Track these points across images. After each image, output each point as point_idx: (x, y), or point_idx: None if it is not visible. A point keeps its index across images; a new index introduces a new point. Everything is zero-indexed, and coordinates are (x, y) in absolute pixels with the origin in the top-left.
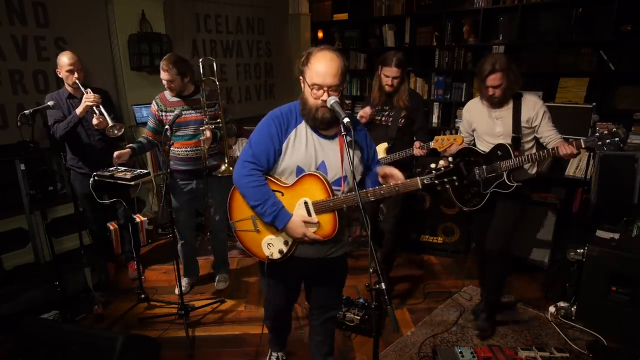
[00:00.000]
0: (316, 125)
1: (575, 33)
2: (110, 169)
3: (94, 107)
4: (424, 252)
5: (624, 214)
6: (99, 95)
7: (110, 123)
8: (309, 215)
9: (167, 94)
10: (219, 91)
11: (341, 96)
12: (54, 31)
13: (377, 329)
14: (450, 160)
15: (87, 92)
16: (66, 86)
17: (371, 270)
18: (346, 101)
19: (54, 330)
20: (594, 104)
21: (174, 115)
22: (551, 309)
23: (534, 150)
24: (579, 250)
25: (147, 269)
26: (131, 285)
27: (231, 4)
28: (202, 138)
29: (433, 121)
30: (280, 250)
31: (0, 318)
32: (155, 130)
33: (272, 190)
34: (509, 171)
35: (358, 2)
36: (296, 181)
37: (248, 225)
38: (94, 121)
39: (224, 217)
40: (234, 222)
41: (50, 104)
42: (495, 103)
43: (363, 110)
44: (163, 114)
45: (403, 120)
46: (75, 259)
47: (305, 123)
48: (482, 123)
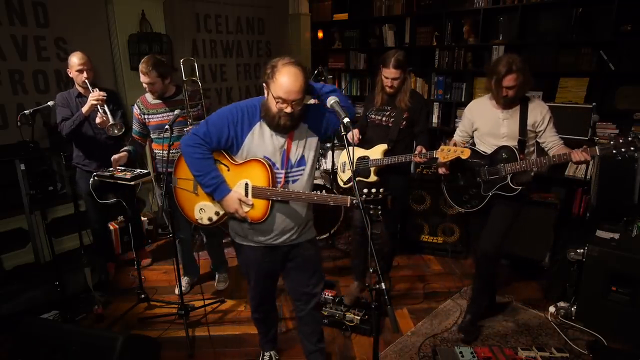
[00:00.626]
0: (276, 130)
1: (575, 33)
2: (110, 169)
3: (98, 106)
4: (424, 252)
5: (624, 214)
6: (105, 93)
7: (111, 121)
8: (246, 196)
9: (148, 96)
10: (201, 91)
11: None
12: (54, 31)
13: (377, 329)
14: (382, 191)
15: (94, 91)
16: (76, 86)
17: (371, 270)
18: None
19: (54, 330)
20: (594, 104)
21: (174, 115)
22: (551, 309)
23: (534, 155)
24: (579, 250)
25: (147, 269)
26: (131, 285)
27: (231, 4)
28: None
29: (433, 121)
30: (210, 218)
31: (0, 318)
32: (141, 133)
33: (220, 163)
34: (512, 174)
35: (358, 2)
36: (244, 162)
37: (189, 185)
38: (97, 120)
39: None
40: (177, 179)
41: (50, 104)
42: (505, 104)
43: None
44: (145, 117)
45: (405, 122)
46: (75, 259)
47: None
48: (487, 123)
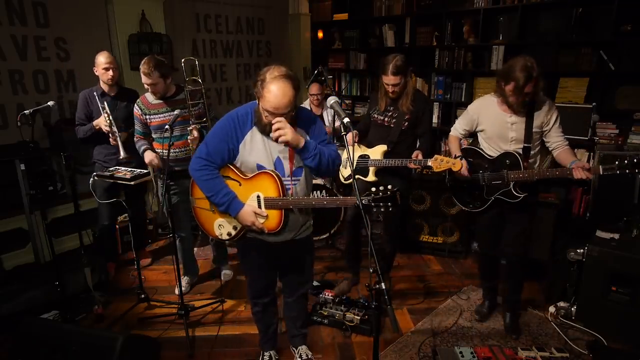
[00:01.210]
0: (267, 135)
1: (575, 33)
2: (111, 169)
3: (109, 129)
4: (424, 252)
5: (624, 214)
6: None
7: (121, 154)
8: (260, 208)
9: (149, 96)
10: (203, 90)
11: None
12: (54, 31)
13: (377, 329)
14: (389, 187)
15: (106, 119)
16: (101, 83)
17: (371, 270)
18: (346, 101)
19: (54, 330)
20: (594, 104)
21: (174, 115)
22: (551, 309)
23: (538, 157)
24: (579, 250)
25: (147, 269)
26: (131, 285)
27: (231, 4)
28: (190, 138)
29: (433, 121)
30: (229, 233)
31: (0, 318)
32: (144, 133)
33: (231, 179)
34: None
35: (358, 2)
36: (254, 176)
37: (206, 204)
38: (111, 142)
39: None
40: (194, 199)
41: (50, 104)
42: (517, 108)
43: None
44: (147, 117)
45: (406, 123)
46: (75, 259)
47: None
48: (495, 126)
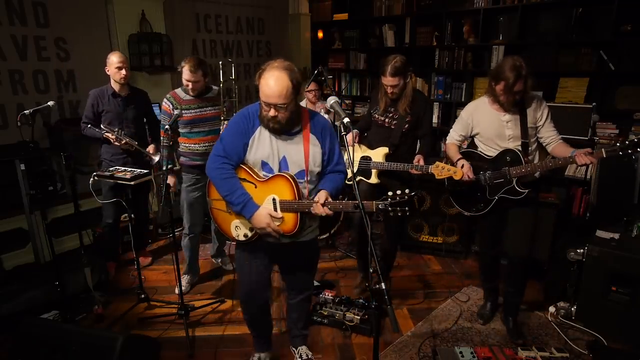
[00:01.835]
0: (270, 131)
1: (575, 33)
2: (111, 169)
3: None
4: (424, 252)
5: (624, 214)
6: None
7: (155, 159)
8: (275, 210)
9: (181, 92)
10: (235, 90)
11: (340, 96)
12: (54, 31)
13: (377, 329)
14: (407, 192)
15: (118, 137)
16: (112, 83)
17: (371, 270)
18: (346, 101)
19: (54, 330)
20: (594, 104)
21: (174, 116)
22: (551, 309)
23: (537, 153)
24: (579, 250)
25: (147, 269)
26: (131, 285)
27: (231, 4)
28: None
29: (433, 121)
30: (245, 234)
31: (0, 318)
32: (171, 129)
33: (247, 181)
34: (518, 177)
35: (358, 2)
36: (270, 178)
37: (222, 205)
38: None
39: None
40: (211, 200)
41: (50, 104)
42: (508, 107)
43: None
44: (177, 112)
45: (407, 125)
46: (75, 259)
47: None
48: (491, 127)
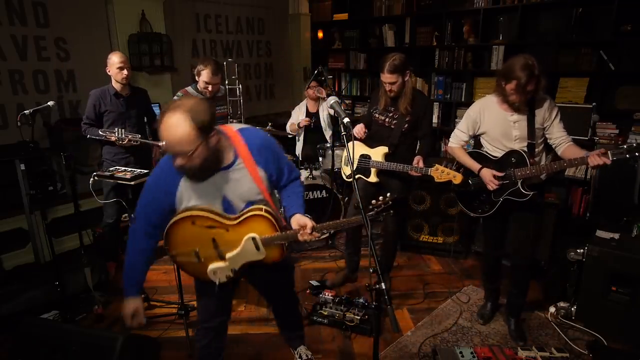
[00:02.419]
0: (191, 179)
1: (575, 33)
2: (111, 169)
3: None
4: (424, 252)
5: (624, 214)
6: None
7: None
8: (258, 250)
9: (192, 91)
10: (239, 90)
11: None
12: (54, 31)
13: (377, 329)
14: (389, 195)
15: (120, 137)
16: (114, 83)
17: (371, 270)
18: (346, 101)
19: (54, 330)
20: (594, 104)
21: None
22: (551, 309)
23: (544, 154)
24: (579, 250)
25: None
26: None
27: (231, 4)
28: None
29: (433, 121)
30: (227, 276)
31: (0, 318)
32: None
33: (215, 228)
34: (523, 179)
35: (358, 2)
36: (242, 221)
37: (189, 257)
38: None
39: None
40: (174, 255)
41: (50, 104)
42: (518, 107)
43: (356, 130)
44: None
45: (407, 125)
46: (75, 259)
47: None
48: (497, 127)
